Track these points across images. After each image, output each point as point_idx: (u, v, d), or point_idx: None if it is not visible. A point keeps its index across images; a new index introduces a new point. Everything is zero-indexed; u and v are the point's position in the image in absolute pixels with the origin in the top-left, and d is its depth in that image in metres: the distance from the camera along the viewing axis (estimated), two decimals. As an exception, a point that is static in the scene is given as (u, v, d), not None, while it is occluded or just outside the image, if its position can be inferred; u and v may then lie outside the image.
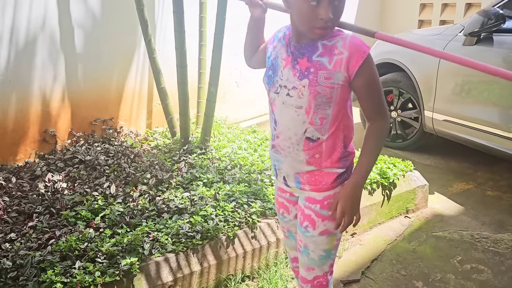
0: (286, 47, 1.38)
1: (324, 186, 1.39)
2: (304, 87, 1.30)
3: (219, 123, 3.90)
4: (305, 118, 1.34)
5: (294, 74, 1.33)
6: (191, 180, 2.76)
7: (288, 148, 1.39)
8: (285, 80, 1.35)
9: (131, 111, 3.65)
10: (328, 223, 1.41)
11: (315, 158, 1.37)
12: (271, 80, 1.39)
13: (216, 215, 2.32)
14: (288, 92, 1.34)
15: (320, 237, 1.42)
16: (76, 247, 2.01)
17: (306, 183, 1.41)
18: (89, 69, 3.31)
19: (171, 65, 3.27)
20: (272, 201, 2.53)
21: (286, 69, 1.35)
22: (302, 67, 1.32)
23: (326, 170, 1.38)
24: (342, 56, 1.26)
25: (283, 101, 1.36)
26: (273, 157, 1.47)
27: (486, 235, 2.67)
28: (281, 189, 1.55)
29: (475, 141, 3.31)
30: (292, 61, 1.34)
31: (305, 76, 1.31)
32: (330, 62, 1.28)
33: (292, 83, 1.33)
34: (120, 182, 2.68)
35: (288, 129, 1.37)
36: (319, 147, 1.36)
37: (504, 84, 3.05)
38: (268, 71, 1.42)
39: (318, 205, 1.40)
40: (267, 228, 2.35)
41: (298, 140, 1.36)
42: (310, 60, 1.31)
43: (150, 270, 1.97)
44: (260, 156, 3.18)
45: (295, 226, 1.55)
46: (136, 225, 2.25)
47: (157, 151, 3.30)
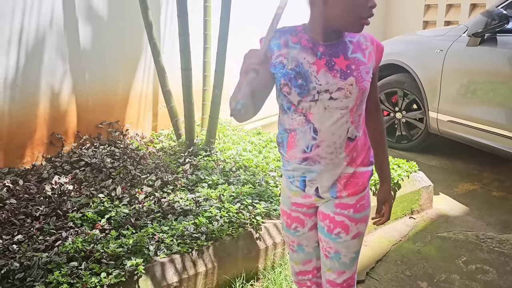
0: (311, 50, 1.28)
1: (361, 187, 1.38)
2: (352, 85, 1.27)
3: (224, 125, 3.92)
4: (348, 118, 1.31)
5: (334, 75, 1.26)
6: (196, 182, 2.78)
7: (331, 154, 1.33)
8: (325, 84, 1.27)
9: (137, 113, 3.68)
10: (361, 225, 1.42)
11: (353, 158, 1.35)
12: (304, 89, 1.27)
13: (221, 217, 2.34)
14: (331, 96, 1.27)
15: (353, 240, 1.42)
16: (83, 249, 2.04)
17: (343, 189, 1.37)
18: (96, 72, 3.35)
19: (176, 68, 3.30)
20: (277, 202, 2.54)
21: (321, 73, 1.27)
22: (342, 66, 1.27)
23: (360, 170, 1.38)
24: (370, 50, 1.32)
25: (324, 107, 1.28)
26: (304, 170, 1.37)
27: (491, 236, 2.66)
28: (296, 204, 1.46)
29: (480, 141, 3.30)
30: (327, 63, 1.27)
31: (349, 75, 1.27)
32: (364, 57, 1.30)
33: (335, 85, 1.26)
34: (125, 184, 2.71)
35: (333, 134, 1.31)
36: (356, 146, 1.35)
37: (509, 84, 3.04)
38: (295, 81, 1.27)
39: (352, 209, 1.39)
40: (272, 229, 2.36)
41: (341, 143, 1.33)
42: (347, 57, 1.28)
43: (155, 271, 1.99)
44: (264, 158, 3.20)
45: (308, 239, 1.51)
46: (141, 226, 2.27)
47: (163, 153, 3.32)
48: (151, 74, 3.68)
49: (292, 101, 1.30)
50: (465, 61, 3.34)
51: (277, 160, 3.16)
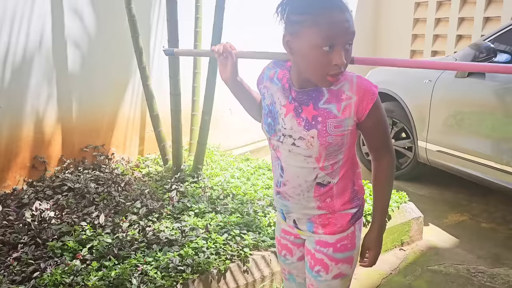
0: (285, 92, 1.26)
1: (340, 228, 1.32)
2: (313, 138, 1.20)
3: (212, 150, 3.86)
4: (315, 165, 1.25)
5: (299, 123, 1.22)
6: (182, 210, 2.71)
7: (298, 195, 1.30)
8: (289, 129, 1.24)
9: (124, 137, 3.61)
10: (342, 266, 1.34)
11: (326, 203, 1.30)
12: (271, 128, 1.28)
13: (208, 248, 2.26)
14: (294, 142, 1.24)
15: (334, 280, 1.35)
16: (62, 281, 1.94)
17: (320, 226, 1.33)
18: (82, 95, 3.29)
19: (164, 92, 3.26)
20: (265, 232, 2.48)
21: (289, 117, 1.24)
22: (308, 116, 1.21)
23: (339, 212, 1.32)
24: (351, 101, 1.18)
25: (289, 150, 1.26)
26: (280, 203, 1.38)
27: (482, 270, 2.63)
28: (285, 231, 1.45)
29: (468, 172, 3.30)
30: (295, 109, 1.23)
31: (313, 126, 1.21)
32: (338, 109, 1.19)
33: (298, 133, 1.22)
34: (109, 211, 2.62)
35: (298, 177, 1.28)
36: (330, 191, 1.29)
37: (496, 115, 3.07)
38: (266, 118, 1.31)
39: (331, 248, 1.33)
40: (260, 261, 2.29)
41: (309, 187, 1.28)
42: (316, 107, 1.20)
43: (137, 306, 1.90)
44: (253, 185, 3.14)
45: (297, 269, 1.48)
46: (124, 257, 2.18)
47: (148, 179, 3.25)
48: (139, 98, 3.63)
49: (266, 136, 1.34)
50: (454, 92, 3.37)
51: (265, 188, 3.10)
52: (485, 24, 4.93)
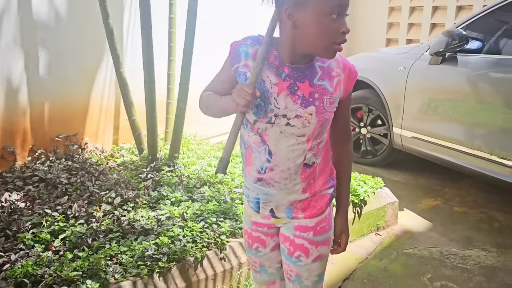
0: (276, 70, 1.20)
1: (319, 210, 1.33)
2: (311, 114, 1.19)
3: (188, 139, 3.82)
4: (305, 146, 1.24)
5: (295, 101, 1.19)
6: (158, 199, 2.67)
7: (285, 179, 1.28)
8: (283, 108, 1.19)
9: (97, 126, 3.53)
10: (322, 248, 1.35)
11: (310, 184, 1.30)
12: (261, 109, 1.20)
13: (184, 236, 2.24)
14: (289, 122, 1.20)
15: (314, 263, 1.36)
16: (33, 272, 1.88)
17: (300, 211, 1.32)
18: (52, 82, 3.19)
19: (139, 80, 3.19)
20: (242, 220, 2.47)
21: (282, 96, 1.19)
22: (304, 93, 1.19)
23: (319, 194, 1.33)
24: (340, 78, 1.22)
25: (281, 131, 1.21)
26: (259, 191, 1.32)
27: (454, 252, 2.69)
28: (256, 223, 1.41)
29: (442, 157, 3.36)
30: (290, 86, 1.19)
31: (310, 103, 1.19)
32: (332, 86, 1.21)
33: (293, 111, 1.19)
34: (83, 201, 2.56)
35: (288, 159, 1.25)
36: (314, 172, 1.30)
37: (469, 102, 3.13)
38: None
39: (311, 232, 1.33)
40: (237, 248, 2.28)
41: (297, 169, 1.27)
42: (312, 84, 1.19)
43: (112, 296, 1.86)
44: (230, 173, 3.12)
45: (270, 260, 1.46)
46: (99, 247, 2.13)
47: (123, 168, 3.18)
48: (112, 86, 3.55)
49: (248, 119, 1.24)
50: (427, 79, 3.42)
51: (242, 176, 3.09)
52: (458, 12, 5.01)
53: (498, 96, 2.97)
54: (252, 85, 1.13)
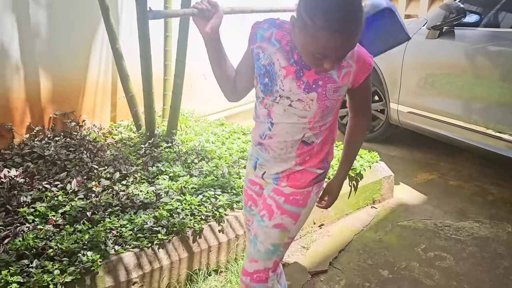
0: (286, 54, 1.26)
1: (303, 184, 1.38)
2: (312, 100, 1.25)
3: (186, 116, 3.83)
4: (306, 125, 1.31)
5: (299, 86, 1.25)
6: (156, 174, 2.69)
7: (281, 150, 1.35)
8: (287, 91, 1.26)
9: (94, 103, 3.53)
10: (286, 218, 1.39)
11: (304, 160, 1.37)
12: (267, 88, 1.28)
13: (182, 209, 2.27)
14: (291, 103, 1.27)
15: (272, 229, 1.39)
16: (34, 245, 1.92)
17: (285, 180, 1.39)
18: (47, 59, 3.17)
19: (135, 56, 3.16)
20: (240, 194, 2.50)
21: (288, 79, 1.25)
22: (309, 79, 1.24)
23: (308, 169, 1.38)
24: (351, 69, 1.25)
25: (284, 109, 1.29)
26: (257, 153, 1.43)
27: (448, 224, 2.74)
28: (252, 181, 1.53)
29: (438, 132, 3.38)
30: (296, 72, 1.25)
31: (312, 90, 1.24)
32: (339, 76, 1.25)
33: (296, 95, 1.25)
34: (82, 177, 2.58)
35: (286, 133, 1.33)
36: (311, 151, 1.36)
37: (466, 76, 3.13)
38: (263, 78, 1.29)
39: (283, 198, 1.39)
40: (235, 221, 2.32)
41: (293, 144, 1.34)
42: (318, 72, 1.24)
43: (113, 267, 1.91)
44: (228, 149, 3.14)
45: None
46: (98, 221, 2.17)
47: (122, 145, 3.20)
48: (109, 62, 3.53)
49: (258, 95, 1.34)
50: (424, 54, 3.41)
51: (240, 152, 3.11)
52: (457, -14, 4.95)
53: (495, 70, 2.97)
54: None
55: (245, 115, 4.61)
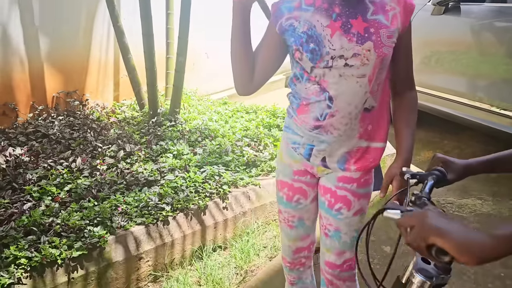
0: (326, 12, 1.16)
1: (372, 164, 1.28)
2: (369, 51, 1.14)
3: (189, 95, 3.82)
4: (367, 88, 1.18)
5: (350, 39, 1.14)
6: (160, 152, 2.71)
7: (346, 125, 1.22)
8: (339, 49, 1.15)
9: (97, 82, 3.52)
10: (363, 201, 1.32)
11: (367, 131, 1.25)
12: (316, 54, 1.16)
13: (187, 187, 2.29)
14: (347, 62, 1.15)
15: (354, 217, 1.31)
16: (41, 222, 1.95)
17: (353, 162, 1.27)
18: (50, 38, 3.15)
19: (137, 34, 3.15)
20: (243, 171, 2.51)
21: (336, 36, 1.15)
22: (359, 29, 1.15)
23: (374, 145, 1.28)
24: (396, 11, 1.17)
25: (340, 74, 1.17)
26: (314, 138, 1.26)
27: (451, 201, 2.75)
28: (300, 172, 1.35)
29: (442, 110, 3.37)
30: (343, 25, 1.15)
31: (366, 39, 1.14)
32: (387, 19, 1.16)
33: (350, 50, 1.14)
34: (86, 155, 2.60)
35: (349, 104, 1.19)
36: (372, 117, 1.24)
37: (471, 53, 3.09)
38: (307, 45, 1.17)
39: (355, 184, 1.29)
40: (239, 198, 2.34)
41: (357, 114, 1.21)
42: (366, 19, 1.15)
43: (119, 243, 1.93)
44: (231, 128, 3.15)
45: (310, 212, 1.40)
46: (104, 198, 2.19)
47: (125, 124, 3.21)
48: (111, 41, 3.51)
49: (305, 68, 1.20)
50: (429, 30, 3.37)
51: (244, 130, 3.11)
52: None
53: (501, 47, 2.93)
54: None
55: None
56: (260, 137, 2.95)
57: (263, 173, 2.57)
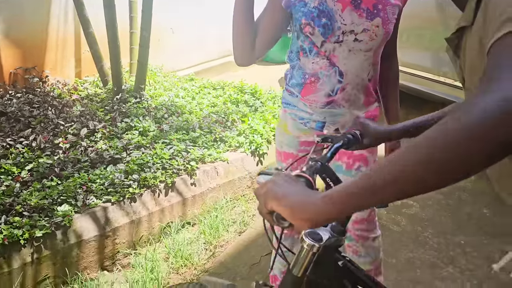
0: None
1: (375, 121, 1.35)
2: (378, 27, 1.20)
3: (154, 71, 3.72)
4: (372, 60, 1.26)
5: (360, 15, 1.19)
6: (126, 129, 2.64)
7: (354, 96, 1.29)
8: (350, 24, 1.19)
9: (57, 59, 3.37)
10: (375, 155, 1.39)
11: (367, 98, 1.32)
12: (328, 28, 1.19)
13: (154, 163, 2.25)
14: (356, 37, 1.20)
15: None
16: (1, 202, 1.87)
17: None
18: (5, 11, 2.98)
19: (99, 7, 3.02)
20: (211, 147, 2.49)
21: (346, 12, 1.18)
22: (368, 6, 1.19)
23: (373, 107, 1.36)
24: None
25: (349, 49, 1.22)
26: (326, 114, 1.31)
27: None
28: (306, 143, 1.38)
29: (407, 85, 3.42)
30: (353, 1, 1.19)
31: (375, 15, 1.19)
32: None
33: (360, 26, 1.19)
34: (47, 133, 2.51)
35: (357, 76, 1.26)
36: (370, 85, 1.31)
37: (436, 28, 3.14)
38: (319, 20, 1.19)
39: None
40: (207, 174, 2.33)
41: (364, 85, 1.29)
42: None
43: (85, 221, 1.89)
44: (198, 104, 3.10)
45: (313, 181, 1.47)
46: (67, 177, 2.13)
47: (88, 101, 3.10)
48: (71, 14, 3.35)
49: (315, 42, 1.22)
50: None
51: (211, 106, 3.08)
52: None
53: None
54: None
55: (215, 71, 4.53)
56: (228, 113, 2.92)
57: (231, 148, 2.56)
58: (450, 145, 0.47)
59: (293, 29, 1.26)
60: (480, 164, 0.47)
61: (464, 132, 0.46)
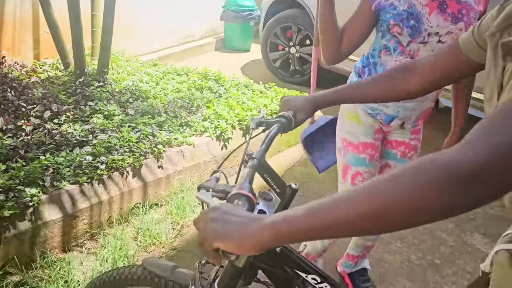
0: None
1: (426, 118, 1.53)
2: (461, 30, 1.29)
3: (117, 55, 3.69)
4: None
5: (445, 18, 1.29)
6: (90, 113, 2.64)
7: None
8: (435, 26, 1.30)
9: (13, 39, 3.27)
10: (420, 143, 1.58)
11: (437, 92, 1.42)
12: (415, 30, 1.30)
13: (121, 146, 2.28)
14: (440, 39, 1.31)
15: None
16: (-36, 183, 1.86)
17: (421, 120, 1.51)
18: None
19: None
20: (177, 132, 2.55)
21: (433, 15, 1.29)
22: (453, 10, 1.29)
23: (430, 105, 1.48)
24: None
25: (432, 49, 1.32)
26: (400, 109, 1.42)
27: (369, 158, 3.02)
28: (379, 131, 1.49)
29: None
30: (440, 5, 1.29)
31: (459, 19, 1.29)
32: (475, 2, 1.30)
33: (445, 28, 1.30)
34: (8, 116, 2.46)
35: None
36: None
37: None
38: (407, 21, 1.30)
39: (420, 134, 1.56)
40: (173, 157, 2.39)
41: None
42: (459, 1, 1.29)
43: (53, 202, 1.91)
44: (163, 89, 3.13)
45: (376, 167, 1.55)
46: (32, 158, 2.12)
47: (49, 83, 3.05)
48: (29, -6, 3.26)
49: (402, 42, 1.33)
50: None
51: (175, 92, 3.12)
52: None
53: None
54: None
55: (179, 56, 4.54)
56: (193, 99, 2.98)
57: (196, 133, 2.63)
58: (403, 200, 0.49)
59: (378, 29, 1.38)
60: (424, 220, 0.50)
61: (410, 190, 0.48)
